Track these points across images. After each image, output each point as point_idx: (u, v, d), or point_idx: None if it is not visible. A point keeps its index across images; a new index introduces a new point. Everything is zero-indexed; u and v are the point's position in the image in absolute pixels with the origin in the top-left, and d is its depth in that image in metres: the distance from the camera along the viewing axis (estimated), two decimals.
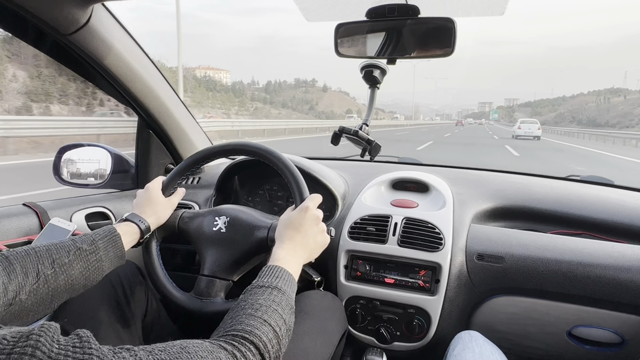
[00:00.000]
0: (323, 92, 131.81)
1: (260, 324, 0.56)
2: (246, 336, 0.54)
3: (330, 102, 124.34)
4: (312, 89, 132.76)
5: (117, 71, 1.05)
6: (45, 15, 0.83)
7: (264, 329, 0.56)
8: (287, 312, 0.62)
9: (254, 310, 0.58)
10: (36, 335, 0.37)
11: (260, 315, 0.57)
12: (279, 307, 0.61)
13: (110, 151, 1.26)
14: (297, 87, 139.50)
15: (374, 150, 0.98)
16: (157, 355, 0.44)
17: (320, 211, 0.81)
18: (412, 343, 1.06)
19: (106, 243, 0.74)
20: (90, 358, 0.39)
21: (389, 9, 0.84)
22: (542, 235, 1.06)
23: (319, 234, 0.79)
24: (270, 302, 0.60)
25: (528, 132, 22.91)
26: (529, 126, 23.60)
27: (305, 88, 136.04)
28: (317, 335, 0.81)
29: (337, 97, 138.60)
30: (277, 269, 0.67)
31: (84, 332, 0.42)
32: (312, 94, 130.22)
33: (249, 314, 0.58)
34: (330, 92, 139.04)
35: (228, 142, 0.96)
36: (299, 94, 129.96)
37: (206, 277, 0.85)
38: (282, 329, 0.59)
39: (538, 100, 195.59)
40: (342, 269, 1.09)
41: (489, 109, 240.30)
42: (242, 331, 0.54)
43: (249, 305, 0.60)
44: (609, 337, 0.96)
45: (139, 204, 0.87)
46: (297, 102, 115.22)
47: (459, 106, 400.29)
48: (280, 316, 0.60)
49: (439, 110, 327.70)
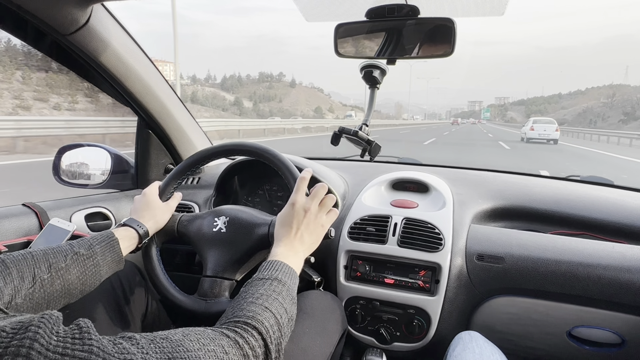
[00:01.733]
0: (290, 88, 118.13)
1: (262, 310, 0.56)
2: (248, 322, 0.54)
3: (296, 99, 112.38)
4: (278, 84, 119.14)
5: (116, 71, 1.05)
6: (45, 16, 0.83)
7: (265, 314, 0.56)
8: (288, 302, 0.62)
9: (255, 298, 0.58)
10: (35, 327, 0.37)
11: (261, 303, 0.58)
12: (279, 296, 0.61)
13: (109, 151, 1.26)
14: (260, 81, 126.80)
15: (373, 150, 0.98)
16: (159, 343, 0.44)
17: (310, 201, 0.77)
18: (412, 343, 1.06)
19: (104, 248, 0.73)
20: (90, 349, 0.38)
21: (389, 9, 0.84)
22: (542, 236, 1.06)
23: (311, 224, 0.76)
24: (271, 292, 0.61)
25: (543, 135, 18.65)
26: (544, 127, 19.04)
27: (269, 83, 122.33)
28: (317, 335, 0.81)
29: (307, 94, 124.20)
30: (277, 262, 0.68)
31: (84, 322, 0.41)
32: (276, 89, 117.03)
33: (250, 302, 0.58)
34: (300, 88, 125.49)
35: (225, 143, 0.95)
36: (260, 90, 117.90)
37: (209, 278, 0.85)
38: (283, 317, 0.59)
39: (532, 98, 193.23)
40: (341, 269, 1.09)
41: (479, 108, 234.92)
42: (244, 317, 0.54)
43: (250, 294, 0.60)
44: (609, 338, 0.96)
45: (136, 209, 0.87)
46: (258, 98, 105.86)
47: (448, 105, 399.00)
48: (281, 304, 0.60)
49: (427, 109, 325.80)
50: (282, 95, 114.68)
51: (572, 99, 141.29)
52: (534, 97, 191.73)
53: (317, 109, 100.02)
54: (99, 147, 1.26)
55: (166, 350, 0.43)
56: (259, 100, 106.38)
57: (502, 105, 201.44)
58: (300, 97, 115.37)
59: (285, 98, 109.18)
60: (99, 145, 1.27)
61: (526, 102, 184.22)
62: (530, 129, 19.28)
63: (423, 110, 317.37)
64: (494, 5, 0.91)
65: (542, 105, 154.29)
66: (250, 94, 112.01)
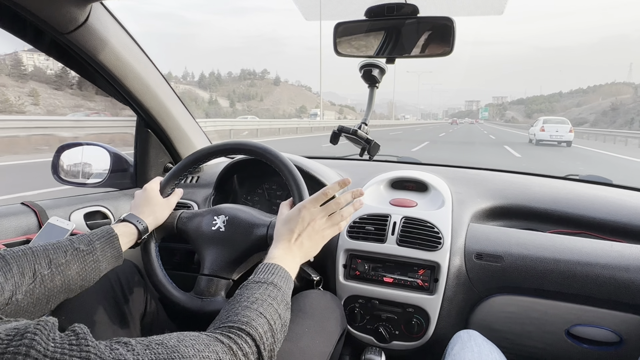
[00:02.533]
0: (274, 86, 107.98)
1: (256, 315, 0.57)
2: (242, 327, 0.54)
3: (279, 98, 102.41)
4: (261, 81, 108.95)
5: (115, 70, 1.05)
6: (44, 14, 0.83)
7: (260, 320, 0.56)
8: (283, 307, 0.62)
9: (250, 303, 0.58)
10: (31, 334, 0.37)
11: (256, 308, 0.58)
12: (274, 301, 0.61)
13: (109, 150, 1.26)
14: (242, 79, 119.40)
15: (372, 149, 0.98)
16: (154, 348, 0.44)
17: (319, 210, 0.78)
18: (410, 342, 1.07)
19: (103, 243, 0.74)
20: (87, 356, 0.38)
21: (388, 8, 0.84)
22: (540, 235, 1.06)
23: (313, 234, 0.76)
24: (266, 297, 0.60)
25: (555, 136, 16.39)
26: (555, 127, 16.70)
27: (251, 80, 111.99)
28: (316, 335, 0.81)
29: (293, 92, 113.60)
30: (273, 266, 0.67)
31: (80, 328, 0.41)
32: (259, 87, 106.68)
33: (244, 306, 0.58)
34: (285, 86, 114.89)
35: (225, 142, 0.96)
36: (241, 88, 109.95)
37: (206, 276, 0.85)
38: (277, 323, 0.59)
39: (531, 97, 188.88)
40: (341, 268, 1.09)
41: (476, 108, 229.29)
42: (239, 322, 0.54)
43: (245, 298, 0.60)
44: (607, 336, 0.97)
45: (136, 204, 0.87)
46: (237, 96, 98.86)
47: (445, 105, 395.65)
48: (276, 310, 0.60)
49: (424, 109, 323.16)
50: (264, 93, 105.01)
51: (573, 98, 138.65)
52: (533, 96, 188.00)
53: (301, 108, 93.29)
54: (98, 146, 1.26)
55: (161, 357, 0.44)
56: (238, 99, 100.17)
57: (500, 105, 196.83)
58: (284, 95, 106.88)
59: (267, 97, 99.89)
60: (98, 144, 1.27)
61: (525, 101, 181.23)
62: (541, 129, 16.91)
63: (420, 110, 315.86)
64: (493, 5, 0.91)
65: (543, 104, 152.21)
66: (229, 92, 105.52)
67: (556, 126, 16.76)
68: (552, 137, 16.44)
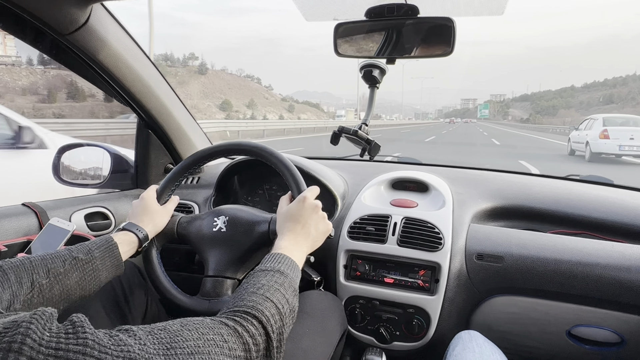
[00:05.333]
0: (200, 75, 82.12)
1: (263, 300, 0.56)
2: (248, 311, 0.53)
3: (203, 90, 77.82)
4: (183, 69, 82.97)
5: (116, 71, 1.05)
6: (44, 15, 0.83)
7: (266, 304, 0.56)
8: (290, 293, 0.61)
9: (256, 289, 0.58)
10: (27, 323, 0.36)
11: (262, 293, 0.57)
12: (281, 287, 0.60)
13: (109, 151, 1.26)
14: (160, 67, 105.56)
15: (373, 149, 0.98)
16: (157, 334, 0.43)
17: (318, 201, 0.80)
18: (411, 343, 1.06)
19: (103, 252, 0.73)
20: (84, 342, 0.37)
21: (389, 9, 0.84)
22: (541, 235, 1.06)
23: (320, 222, 0.78)
24: (273, 283, 0.60)
25: (631, 148, 9.54)
26: (629, 132, 9.71)
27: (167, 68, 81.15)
28: (317, 335, 0.81)
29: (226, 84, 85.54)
30: (279, 255, 0.67)
31: (77, 317, 0.40)
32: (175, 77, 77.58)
33: (251, 292, 0.57)
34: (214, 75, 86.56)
35: (222, 143, 0.95)
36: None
37: (211, 277, 0.85)
38: (285, 307, 0.58)
39: (538, 92, 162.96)
40: (341, 269, 1.09)
41: (473, 106, 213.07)
42: (244, 306, 0.54)
43: (251, 285, 0.59)
44: (609, 337, 0.96)
45: (135, 213, 0.87)
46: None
47: (439, 104, 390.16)
48: (283, 295, 0.59)
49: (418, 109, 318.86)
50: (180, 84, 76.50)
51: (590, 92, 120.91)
52: (540, 92, 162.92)
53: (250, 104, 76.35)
54: (98, 147, 1.26)
55: (164, 341, 0.43)
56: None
57: (501, 102, 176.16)
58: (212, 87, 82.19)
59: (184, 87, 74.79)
60: (99, 144, 1.27)
61: (531, 97, 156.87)
62: (602, 135, 9.73)
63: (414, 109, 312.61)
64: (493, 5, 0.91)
65: (554, 99, 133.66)
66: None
67: (630, 130, 9.84)
68: (625, 148, 9.57)
